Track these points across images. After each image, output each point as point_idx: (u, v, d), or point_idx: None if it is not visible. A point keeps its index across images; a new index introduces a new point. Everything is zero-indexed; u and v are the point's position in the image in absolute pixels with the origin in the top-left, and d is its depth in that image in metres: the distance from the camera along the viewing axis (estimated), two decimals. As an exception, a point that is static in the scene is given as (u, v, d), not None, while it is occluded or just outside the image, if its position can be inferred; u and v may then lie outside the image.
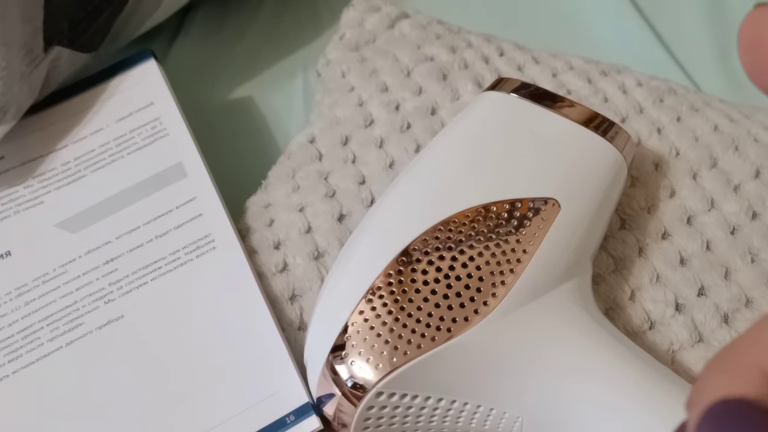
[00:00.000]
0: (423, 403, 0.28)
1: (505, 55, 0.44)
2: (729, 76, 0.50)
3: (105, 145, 0.40)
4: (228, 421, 0.31)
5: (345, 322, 0.29)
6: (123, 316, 0.35)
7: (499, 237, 0.30)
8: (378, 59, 0.44)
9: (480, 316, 0.28)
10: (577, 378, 0.28)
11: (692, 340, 0.33)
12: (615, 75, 0.43)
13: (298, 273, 0.36)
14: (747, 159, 0.38)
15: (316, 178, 0.39)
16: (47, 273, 0.36)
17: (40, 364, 0.34)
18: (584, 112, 0.35)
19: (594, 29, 0.53)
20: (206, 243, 0.36)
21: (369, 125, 0.41)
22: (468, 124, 0.35)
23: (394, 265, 0.30)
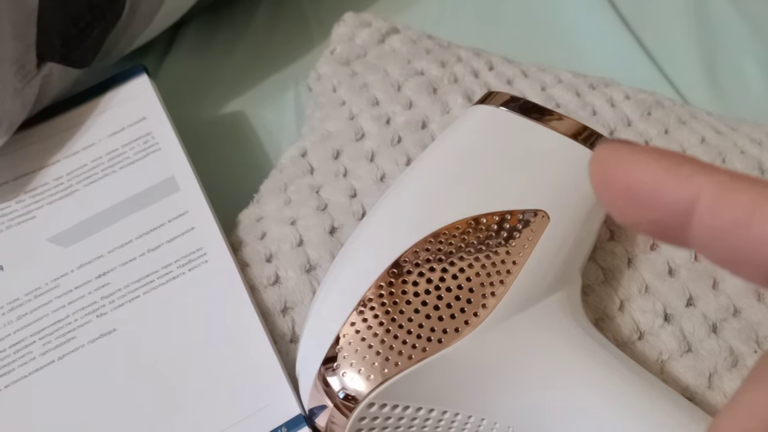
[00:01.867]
0: (414, 413, 0.29)
1: (495, 69, 0.45)
2: (715, 89, 0.51)
3: (97, 160, 0.40)
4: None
5: (336, 334, 0.29)
6: (115, 330, 0.35)
7: (488, 249, 0.30)
8: (369, 73, 0.44)
9: (470, 326, 0.29)
10: (568, 388, 0.28)
11: (681, 350, 0.33)
12: (603, 88, 0.43)
13: (290, 286, 0.36)
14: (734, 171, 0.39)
15: (308, 191, 0.39)
16: (39, 287, 0.36)
17: (32, 378, 0.34)
18: (572, 125, 0.35)
19: (582, 43, 0.54)
20: (198, 256, 0.37)
21: (360, 139, 0.41)
22: (458, 137, 0.35)
23: (385, 277, 0.30)
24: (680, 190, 0.15)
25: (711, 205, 0.15)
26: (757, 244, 0.15)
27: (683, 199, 0.15)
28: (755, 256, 0.15)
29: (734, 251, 0.15)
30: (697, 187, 0.15)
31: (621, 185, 0.16)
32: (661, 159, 0.16)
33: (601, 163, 0.17)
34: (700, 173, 0.15)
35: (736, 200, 0.15)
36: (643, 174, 0.16)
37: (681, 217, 0.16)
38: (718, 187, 0.15)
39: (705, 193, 0.15)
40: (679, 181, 0.15)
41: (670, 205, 0.16)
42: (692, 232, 0.16)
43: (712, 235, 0.15)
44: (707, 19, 0.54)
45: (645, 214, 0.16)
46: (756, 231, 0.15)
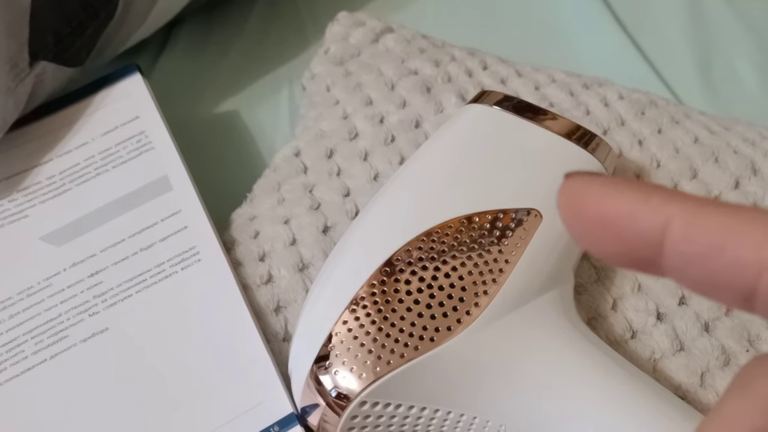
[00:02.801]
0: (406, 412, 0.29)
1: (489, 68, 0.45)
2: (709, 88, 0.51)
3: (90, 159, 0.40)
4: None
5: (329, 332, 0.29)
6: (107, 329, 0.35)
7: (481, 247, 0.30)
8: (362, 73, 0.44)
9: (463, 325, 0.29)
10: (559, 386, 0.28)
11: (673, 349, 0.33)
12: (597, 88, 0.43)
13: (283, 285, 0.36)
14: (727, 170, 0.39)
15: (301, 190, 0.39)
16: (32, 286, 0.36)
17: (24, 377, 0.34)
18: (566, 124, 0.35)
19: (576, 43, 0.54)
20: (191, 255, 0.36)
21: (354, 138, 0.41)
22: (451, 136, 0.35)
23: (377, 276, 0.30)
24: (652, 218, 0.16)
25: (683, 231, 0.15)
26: (731, 267, 0.15)
27: (656, 226, 0.16)
28: (730, 279, 0.15)
29: (709, 276, 0.15)
30: (668, 214, 0.15)
31: (594, 216, 0.16)
32: (632, 189, 0.16)
33: (572, 195, 0.17)
34: (670, 200, 0.16)
35: (708, 225, 0.15)
36: (615, 204, 0.16)
37: (654, 245, 0.16)
38: (689, 213, 0.15)
39: (676, 220, 0.15)
40: (651, 210, 0.16)
41: (643, 234, 0.16)
42: (666, 260, 0.16)
43: (685, 261, 0.15)
44: (702, 19, 0.54)
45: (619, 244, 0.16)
46: (730, 255, 0.15)
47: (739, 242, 0.15)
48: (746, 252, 0.15)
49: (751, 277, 0.15)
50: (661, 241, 0.16)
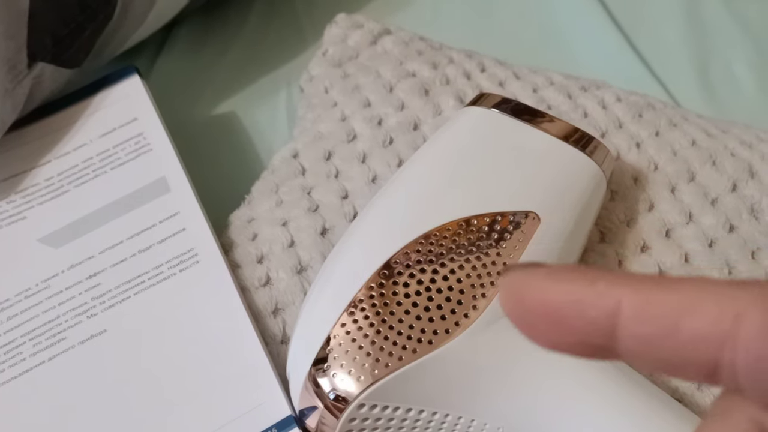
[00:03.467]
0: (404, 414, 0.29)
1: (487, 70, 0.45)
2: (707, 91, 0.51)
3: (88, 161, 0.40)
4: (210, 435, 0.31)
5: (327, 335, 0.29)
6: (105, 331, 0.35)
7: (479, 250, 0.30)
8: (361, 75, 0.44)
9: (461, 328, 0.29)
10: (557, 389, 0.28)
11: (671, 352, 0.34)
12: (594, 90, 0.43)
13: (281, 287, 0.36)
14: (724, 173, 0.39)
15: (299, 192, 0.39)
16: (30, 288, 0.36)
17: (22, 379, 0.34)
18: (564, 127, 0.35)
19: (574, 45, 0.54)
20: (189, 257, 0.36)
21: (352, 140, 0.41)
22: (449, 138, 0.35)
23: (375, 278, 0.30)
24: (600, 304, 0.15)
25: (634, 313, 0.15)
26: (689, 344, 0.14)
27: (605, 312, 0.15)
28: (690, 356, 0.14)
29: (667, 356, 0.15)
30: (616, 297, 0.15)
31: (539, 307, 0.16)
32: (575, 276, 0.16)
33: (514, 286, 0.16)
34: (617, 283, 0.15)
35: (660, 304, 0.15)
36: (560, 294, 0.16)
37: (606, 331, 0.15)
38: (638, 294, 0.15)
39: (625, 303, 0.15)
40: (598, 295, 0.15)
41: (593, 322, 0.15)
42: (620, 345, 0.15)
43: (640, 343, 0.15)
44: (699, 22, 0.54)
45: (569, 335, 0.16)
46: (686, 332, 0.14)
47: (693, 318, 0.14)
48: (703, 327, 0.14)
49: (711, 353, 0.14)
50: (613, 327, 0.15)
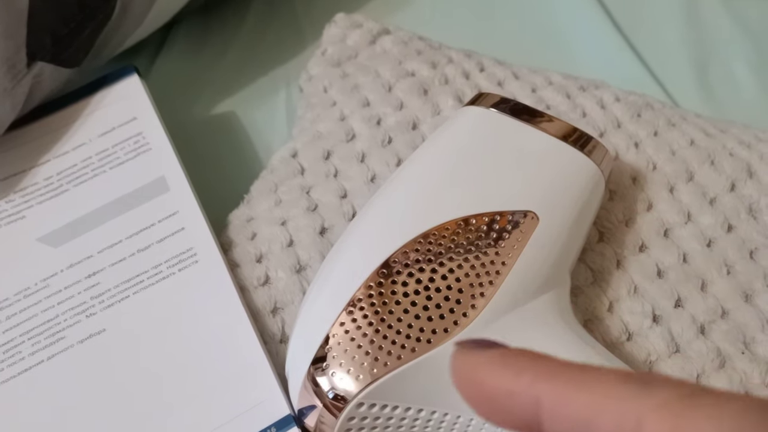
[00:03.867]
0: (403, 413, 0.29)
1: (486, 70, 0.45)
2: (706, 91, 0.51)
3: (87, 160, 0.40)
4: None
5: (326, 334, 0.29)
6: (105, 330, 0.35)
7: (478, 249, 0.30)
8: (360, 75, 0.44)
9: (459, 327, 0.29)
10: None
11: (669, 351, 0.34)
12: (593, 90, 0.44)
13: (280, 286, 0.36)
14: (722, 173, 0.39)
15: (298, 192, 0.40)
16: (29, 287, 0.36)
17: (21, 378, 0.34)
18: (563, 126, 0.35)
19: (573, 45, 0.54)
20: (188, 257, 0.37)
21: (351, 140, 0.41)
22: (448, 138, 0.35)
23: (374, 278, 0.30)
24: (525, 397, 0.16)
25: (551, 411, 0.16)
26: None
27: (529, 405, 0.16)
28: None
29: None
30: (536, 393, 0.16)
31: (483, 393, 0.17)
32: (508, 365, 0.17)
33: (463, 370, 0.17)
34: (539, 379, 0.16)
35: (573, 405, 0.15)
36: (496, 382, 0.17)
37: (533, 419, 0.16)
38: (556, 392, 0.16)
39: (545, 399, 0.16)
40: (522, 389, 0.16)
41: (521, 412, 0.16)
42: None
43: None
44: (698, 22, 0.54)
45: (508, 419, 0.17)
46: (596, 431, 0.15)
47: (601, 421, 0.15)
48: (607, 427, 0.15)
49: None
50: (538, 419, 0.16)
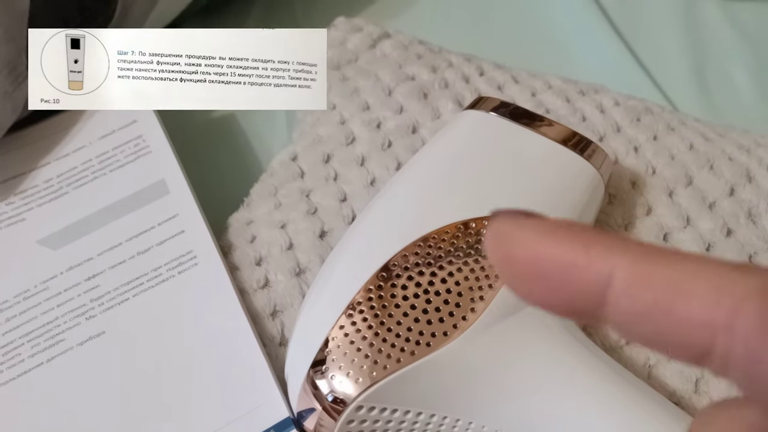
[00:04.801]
0: (402, 417, 0.29)
1: (485, 74, 0.45)
2: (705, 96, 0.51)
3: (87, 162, 0.40)
4: (209, 437, 0.31)
5: (325, 337, 0.29)
6: (104, 333, 0.35)
7: (478, 253, 0.30)
8: (360, 78, 0.44)
9: (459, 330, 0.29)
10: (555, 392, 0.29)
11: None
12: (593, 94, 0.44)
13: (280, 289, 0.36)
14: (722, 177, 0.39)
15: (298, 195, 0.40)
16: (28, 289, 0.36)
17: (20, 380, 0.34)
18: (562, 130, 0.35)
19: (573, 50, 0.54)
20: (188, 259, 0.37)
21: (350, 143, 0.41)
22: (448, 141, 0.36)
23: (374, 281, 0.30)
24: (592, 271, 0.14)
25: (626, 287, 0.14)
26: (681, 328, 0.13)
27: (596, 280, 0.14)
28: (681, 340, 0.13)
29: (656, 335, 0.14)
30: (609, 267, 0.14)
31: (526, 262, 0.15)
32: (570, 236, 0.14)
33: (501, 238, 0.15)
34: (613, 252, 0.14)
35: (655, 281, 0.13)
36: (550, 253, 0.14)
37: (595, 300, 0.14)
38: (633, 266, 0.14)
39: (619, 274, 0.14)
40: (590, 261, 0.14)
41: (581, 288, 0.14)
42: (608, 316, 0.14)
43: (629, 319, 0.14)
44: (697, 27, 0.55)
45: (556, 296, 0.15)
46: (678, 315, 0.13)
47: (687, 301, 0.13)
48: (696, 312, 0.13)
49: (704, 339, 0.13)
50: (603, 297, 0.14)
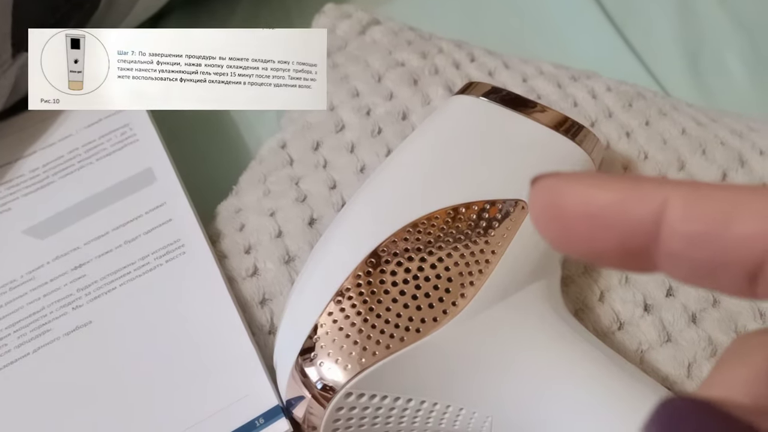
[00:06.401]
0: (392, 403, 0.28)
1: (476, 60, 0.45)
2: (697, 82, 0.51)
3: (74, 151, 0.40)
4: (197, 425, 0.31)
5: (314, 324, 0.29)
6: (91, 322, 0.34)
7: (467, 238, 0.30)
8: (349, 65, 0.44)
9: (449, 316, 0.28)
10: (546, 377, 0.28)
11: (661, 340, 0.33)
12: (585, 80, 0.43)
13: (269, 277, 0.36)
14: (714, 162, 0.39)
15: (287, 182, 0.39)
16: (15, 279, 0.36)
17: (6, 370, 0.33)
18: (554, 115, 0.35)
19: (566, 37, 0.54)
20: (176, 248, 0.36)
21: (340, 130, 0.41)
22: (438, 127, 0.35)
23: (363, 267, 0.29)
24: (646, 202, 0.14)
25: (683, 210, 0.14)
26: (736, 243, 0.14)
27: (650, 211, 0.14)
28: (735, 257, 0.14)
29: (711, 257, 0.14)
30: (663, 196, 0.14)
31: (579, 208, 0.15)
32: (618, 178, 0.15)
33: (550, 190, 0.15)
34: (664, 184, 0.15)
35: (711, 200, 0.14)
36: (604, 193, 0.15)
37: (648, 233, 0.15)
38: (687, 192, 0.14)
39: (674, 201, 0.14)
40: (644, 194, 0.15)
41: (636, 221, 0.15)
42: (663, 247, 0.14)
43: (686, 243, 0.14)
44: (691, 13, 0.54)
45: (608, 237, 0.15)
46: (736, 229, 0.14)
47: (744, 215, 0.14)
48: (753, 224, 0.14)
49: (757, 253, 0.14)
50: (656, 228, 0.14)
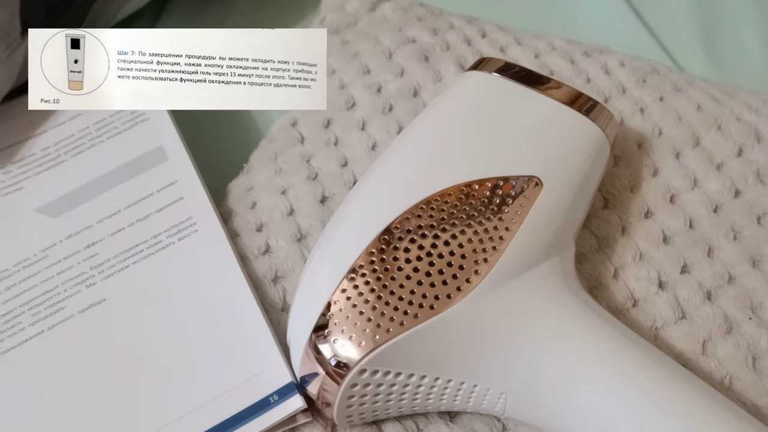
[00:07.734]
0: (406, 380, 0.28)
1: (488, 36, 0.44)
2: (712, 57, 0.50)
3: (85, 130, 0.40)
4: (212, 402, 0.31)
5: (327, 301, 0.29)
6: (105, 300, 0.34)
7: (481, 215, 0.30)
8: (360, 42, 0.44)
9: (463, 293, 0.28)
10: (560, 354, 0.28)
11: (675, 317, 0.33)
12: (598, 55, 0.43)
13: (281, 255, 0.36)
14: (730, 138, 0.39)
15: (299, 160, 0.39)
16: (28, 258, 0.36)
17: (21, 348, 0.33)
18: (567, 91, 0.34)
19: (579, 13, 0.53)
20: (188, 226, 0.36)
21: (351, 108, 0.41)
22: (450, 103, 0.35)
23: (376, 244, 0.29)
24: None
25: None
26: None
27: None
28: None
29: None
30: None
31: None
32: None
33: None
34: None
35: None
36: None
37: None
38: None
39: None
40: None
41: None
42: None
43: None
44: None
45: None
46: None
47: None
48: None
49: None
50: None
